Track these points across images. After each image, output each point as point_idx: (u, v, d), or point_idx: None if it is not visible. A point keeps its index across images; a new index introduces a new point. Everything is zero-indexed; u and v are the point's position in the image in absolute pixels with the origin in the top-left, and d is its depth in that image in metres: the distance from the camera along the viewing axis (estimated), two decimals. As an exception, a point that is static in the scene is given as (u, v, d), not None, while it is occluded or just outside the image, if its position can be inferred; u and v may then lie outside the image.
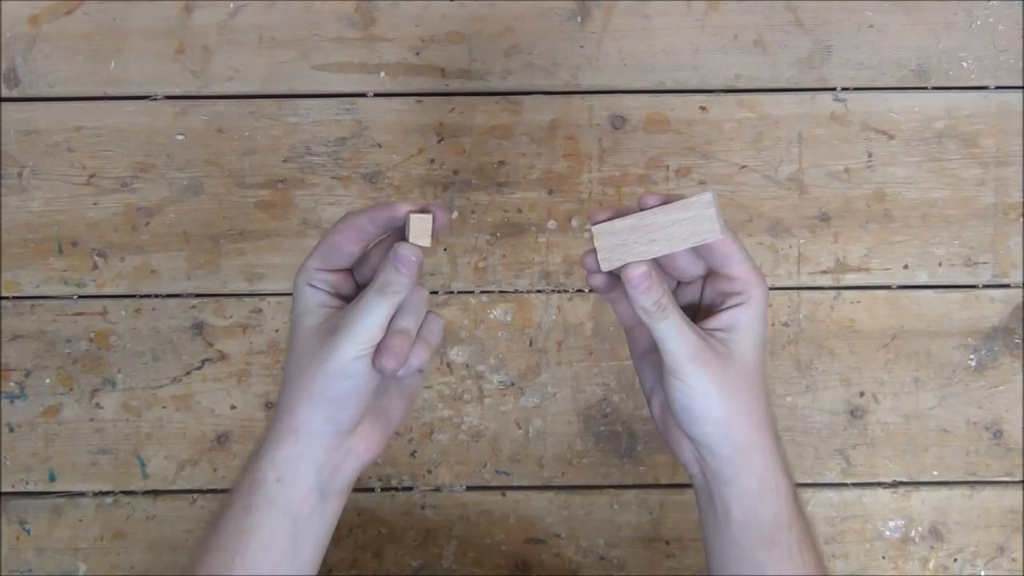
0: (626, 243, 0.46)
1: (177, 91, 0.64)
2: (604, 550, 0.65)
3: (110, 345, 0.64)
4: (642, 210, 0.45)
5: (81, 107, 0.64)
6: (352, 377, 0.45)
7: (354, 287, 0.49)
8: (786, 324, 0.65)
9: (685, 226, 0.45)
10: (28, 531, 0.65)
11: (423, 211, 0.46)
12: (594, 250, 0.46)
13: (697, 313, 0.48)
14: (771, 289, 0.64)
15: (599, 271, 0.46)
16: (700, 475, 0.48)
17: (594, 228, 0.46)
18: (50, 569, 0.65)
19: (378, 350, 0.45)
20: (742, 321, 0.46)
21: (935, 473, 0.65)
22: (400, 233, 0.46)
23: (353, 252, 0.47)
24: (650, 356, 0.49)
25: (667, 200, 0.45)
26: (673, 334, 0.45)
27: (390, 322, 0.46)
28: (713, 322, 0.47)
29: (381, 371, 0.46)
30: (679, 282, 0.49)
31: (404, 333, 0.46)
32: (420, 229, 0.46)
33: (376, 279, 0.46)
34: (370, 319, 0.45)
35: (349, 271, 0.49)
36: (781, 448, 0.48)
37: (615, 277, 0.46)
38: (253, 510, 0.46)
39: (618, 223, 0.46)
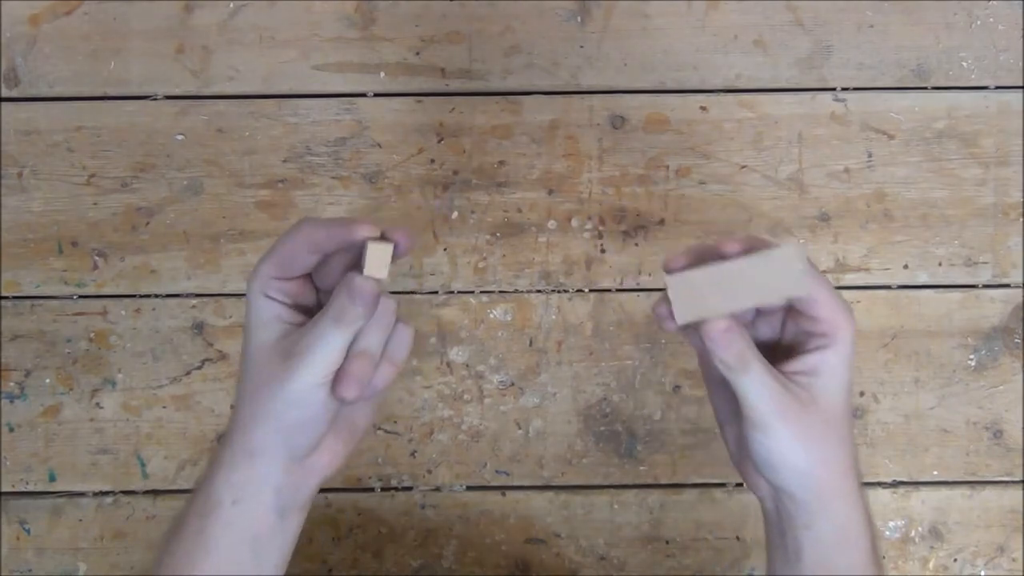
0: (704, 296, 0.42)
1: (177, 91, 0.64)
2: (604, 550, 0.65)
3: (110, 345, 0.64)
4: (722, 258, 0.42)
5: (81, 107, 0.64)
6: (310, 406, 0.43)
7: (314, 294, 0.46)
8: (786, 324, 0.65)
9: (769, 280, 0.42)
10: (28, 531, 0.65)
11: (383, 237, 0.42)
12: (667, 299, 0.43)
13: (776, 350, 0.46)
14: (771, 289, 0.64)
15: (673, 321, 0.43)
16: (774, 511, 0.46)
17: (668, 279, 0.42)
18: (50, 569, 0.65)
19: (337, 378, 0.43)
20: (828, 364, 0.44)
21: (935, 473, 0.65)
22: (359, 252, 0.43)
23: (310, 261, 0.44)
24: (724, 388, 0.46)
25: (750, 246, 0.42)
26: (756, 389, 0.43)
27: (352, 342, 0.43)
28: (796, 364, 0.44)
29: (341, 400, 0.43)
30: (757, 311, 0.46)
31: (365, 355, 0.43)
32: (378, 260, 0.42)
33: (330, 307, 0.42)
34: (326, 348, 0.42)
35: (307, 276, 0.45)
36: (863, 495, 0.45)
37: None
38: (208, 532, 0.44)
39: (697, 275, 0.42)
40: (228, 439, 0.44)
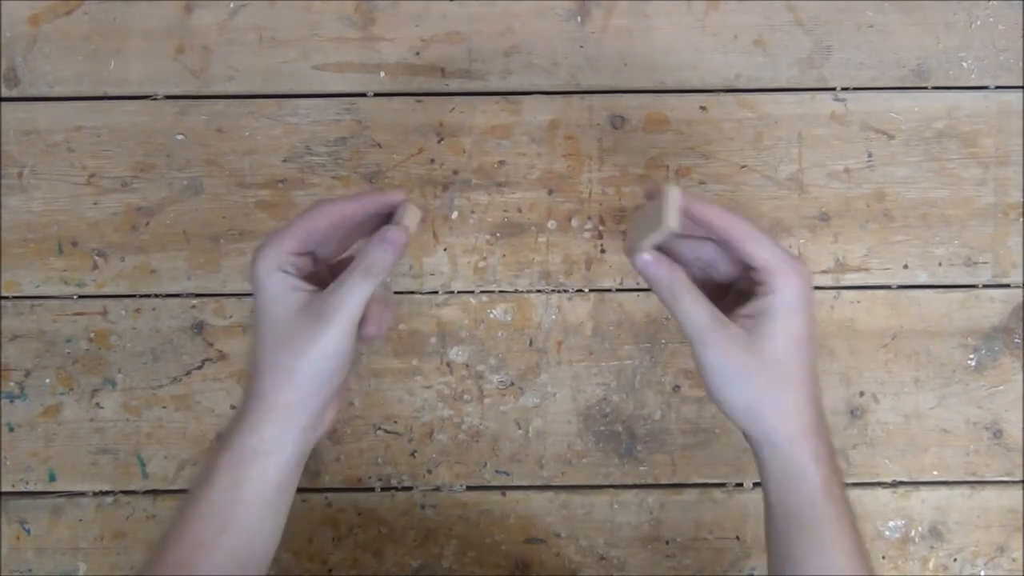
0: (639, 232, 0.50)
1: (177, 91, 0.64)
2: (604, 550, 0.65)
3: (110, 345, 0.64)
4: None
5: (81, 107, 0.64)
6: (338, 355, 0.48)
7: (313, 265, 0.51)
8: (786, 324, 0.65)
9: (658, 218, 0.47)
10: (28, 531, 0.65)
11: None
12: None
13: (738, 298, 0.50)
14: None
15: (634, 254, 0.49)
16: (752, 448, 0.51)
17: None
18: (50, 569, 0.65)
19: (364, 322, 0.49)
20: (769, 310, 0.47)
21: (935, 473, 0.65)
22: (381, 221, 0.50)
23: (329, 235, 0.50)
24: None
25: (655, 190, 0.49)
26: (687, 314, 0.48)
27: None
28: (742, 309, 0.48)
29: (370, 341, 0.50)
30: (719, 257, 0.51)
31: (380, 299, 0.50)
32: (412, 218, 0.50)
33: (361, 261, 0.48)
34: (358, 298, 0.48)
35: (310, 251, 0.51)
36: (817, 432, 0.48)
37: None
38: (244, 483, 0.48)
39: (638, 215, 0.51)
40: (253, 400, 0.49)
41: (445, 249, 0.64)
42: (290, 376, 0.48)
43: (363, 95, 0.64)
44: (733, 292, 0.51)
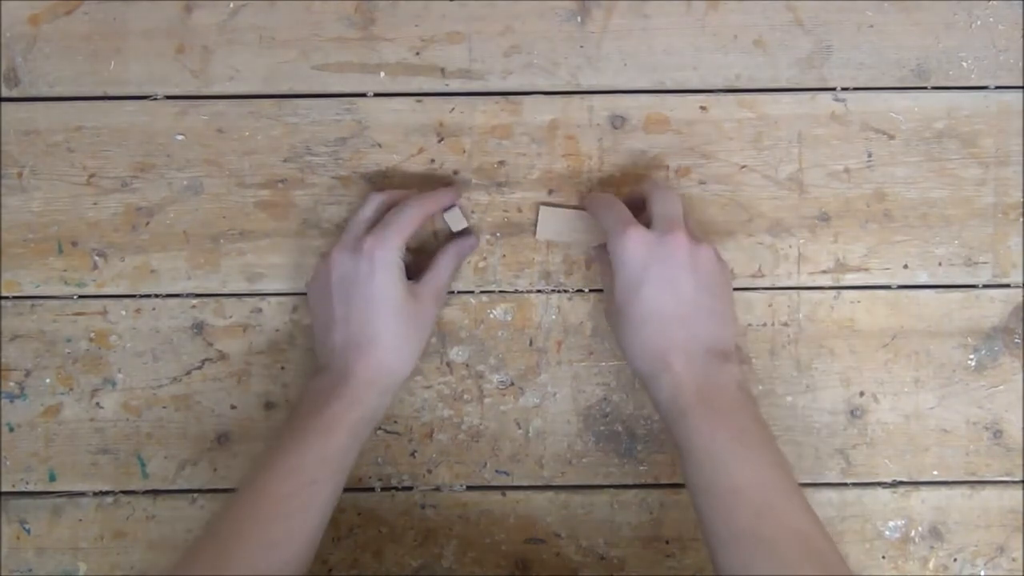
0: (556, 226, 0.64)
1: (177, 91, 0.64)
2: (604, 550, 0.65)
3: (110, 345, 0.64)
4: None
5: (81, 107, 0.64)
6: (432, 326, 0.61)
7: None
8: (786, 324, 0.65)
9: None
10: (28, 531, 0.65)
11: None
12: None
13: None
14: (771, 289, 0.64)
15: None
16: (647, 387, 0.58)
17: (542, 208, 0.64)
18: (50, 569, 0.65)
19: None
20: (612, 269, 0.56)
21: (935, 473, 0.65)
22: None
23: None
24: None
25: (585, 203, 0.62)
26: (609, 214, 0.58)
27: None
28: None
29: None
30: None
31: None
32: (459, 216, 0.63)
33: (456, 248, 0.62)
34: (446, 276, 0.61)
35: None
36: (694, 370, 0.54)
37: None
38: (336, 442, 0.55)
39: (557, 210, 0.64)
40: (357, 365, 0.56)
41: (445, 249, 0.64)
42: (414, 356, 0.58)
43: (363, 95, 0.64)
44: None
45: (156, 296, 0.65)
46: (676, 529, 0.65)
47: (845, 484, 0.65)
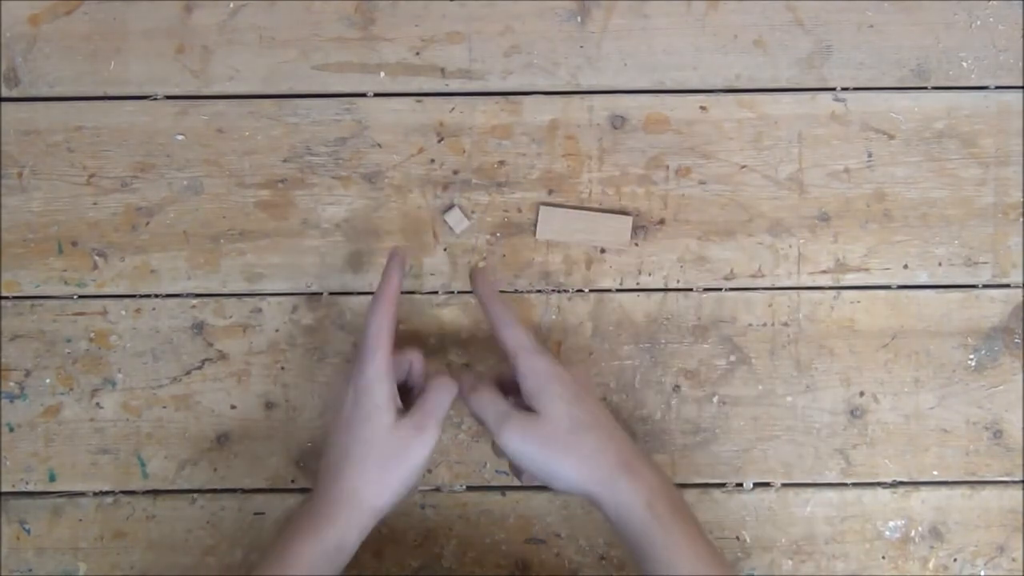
0: (559, 226, 0.64)
1: (177, 91, 0.64)
2: (604, 550, 0.65)
3: (110, 345, 0.64)
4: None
5: (81, 107, 0.64)
6: (424, 467, 0.55)
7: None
8: (786, 324, 0.65)
9: (603, 233, 0.64)
10: (28, 531, 0.65)
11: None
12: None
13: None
14: (771, 289, 0.64)
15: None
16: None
17: (542, 208, 0.63)
18: (50, 569, 0.65)
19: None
20: (529, 387, 0.55)
21: (935, 473, 0.65)
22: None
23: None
24: None
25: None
26: (484, 409, 0.55)
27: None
28: (522, 397, 0.55)
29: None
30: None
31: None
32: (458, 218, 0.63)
33: (438, 380, 0.56)
34: (446, 408, 0.55)
35: None
36: (628, 469, 0.53)
37: None
38: (327, 571, 0.53)
39: (558, 211, 0.64)
40: (353, 499, 0.54)
41: (445, 249, 0.64)
42: (390, 484, 0.54)
43: (363, 95, 0.64)
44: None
45: (156, 296, 0.65)
46: (676, 529, 0.65)
47: (845, 484, 0.65)
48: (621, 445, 0.54)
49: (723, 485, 0.65)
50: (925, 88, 0.64)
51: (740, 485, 0.65)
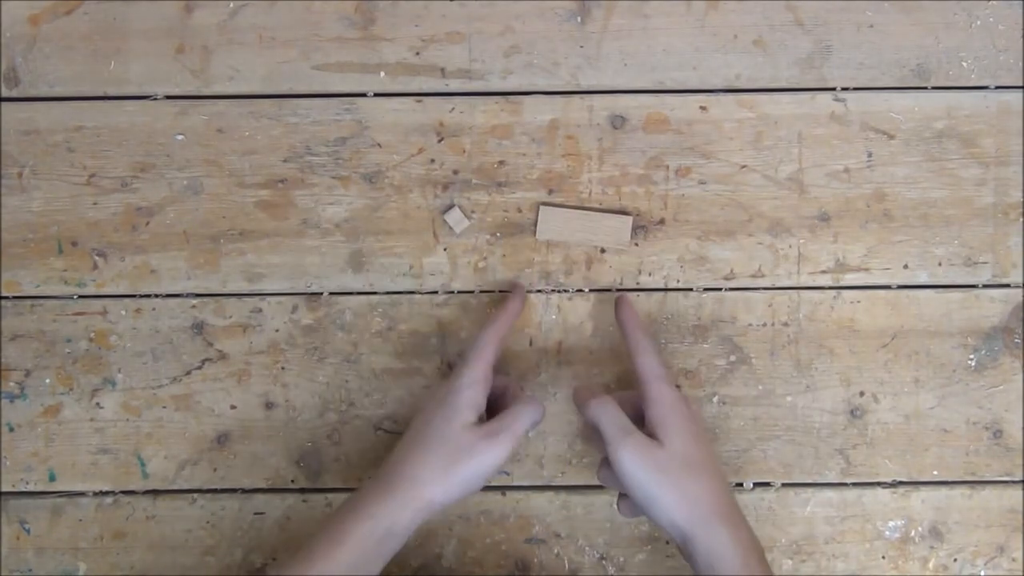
0: (559, 226, 0.64)
1: (177, 91, 0.64)
2: (604, 550, 0.65)
3: (110, 345, 0.64)
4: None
5: (81, 107, 0.64)
6: (495, 472, 0.56)
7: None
8: (786, 324, 0.65)
9: (603, 233, 0.64)
10: (28, 531, 0.65)
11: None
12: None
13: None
14: (771, 289, 0.64)
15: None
16: (685, 556, 0.55)
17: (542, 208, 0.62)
18: (50, 569, 0.65)
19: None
20: (655, 415, 0.56)
21: (935, 473, 0.65)
22: None
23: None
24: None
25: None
26: (605, 422, 0.55)
27: None
28: (645, 422, 0.56)
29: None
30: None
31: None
32: (458, 218, 0.64)
33: (532, 404, 0.57)
34: (525, 428, 0.56)
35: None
36: (732, 519, 0.53)
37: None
38: (371, 557, 0.54)
39: (558, 211, 0.64)
40: (412, 488, 0.55)
41: (445, 249, 0.64)
42: (450, 482, 0.54)
43: (363, 95, 0.64)
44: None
45: (156, 296, 0.65)
46: (676, 529, 0.65)
47: (845, 484, 0.65)
48: (724, 494, 0.54)
49: (723, 485, 0.65)
50: (925, 88, 0.64)
51: (740, 485, 0.65)
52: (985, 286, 0.65)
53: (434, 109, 0.64)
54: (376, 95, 0.64)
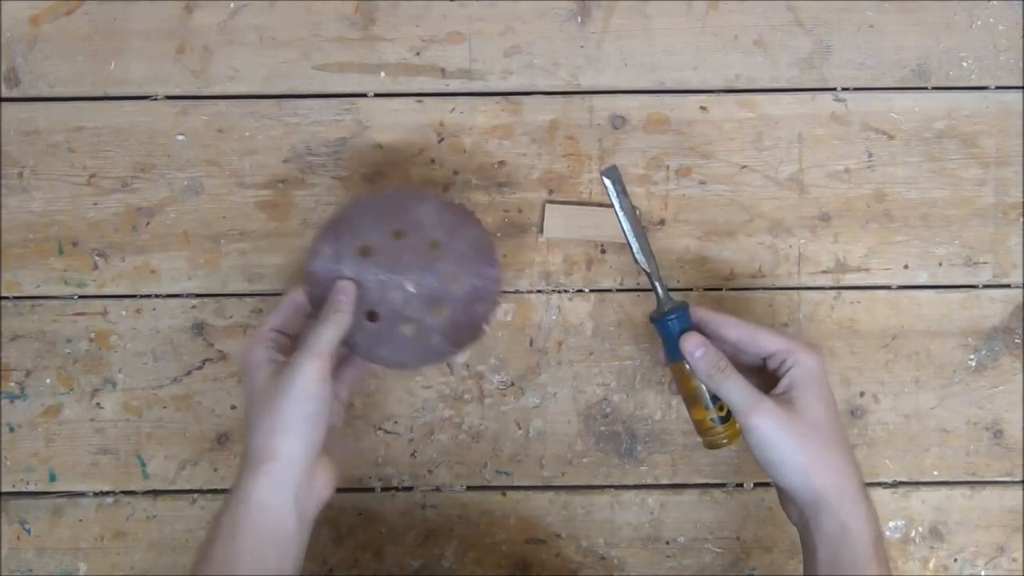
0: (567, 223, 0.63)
1: (177, 91, 0.64)
2: (604, 550, 0.65)
3: (110, 345, 0.65)
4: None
5: (81, 107, 0.64)
6: (316, 398, 0.51)
7: (293, 345, 0.55)
8: (786, 324, 0.65)
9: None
10: (28, 531, 0.65)
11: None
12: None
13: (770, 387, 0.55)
14: (771, 289, 0.64)
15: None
16: (799, 522, 0.54)
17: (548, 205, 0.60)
18: (50, 569, 0.65)
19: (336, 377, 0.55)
20: (795, 379, 0.53)
21: (935, 473, 0.65)
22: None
23: (294, 320, 0.56)
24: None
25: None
26: (734, 390, 0.53)
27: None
28: (776, 389, 0.54)
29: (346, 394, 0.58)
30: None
31: (350, 360, 0.58)
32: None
33: (323, 309, 0.54)
34: (322, 341, 0.52)
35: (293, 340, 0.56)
36: (866, 496, 0.53)
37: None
38: (240, 537, 0.50)
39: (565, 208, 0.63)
40: (248, 458, 0.51)
41: (445, 249, 0.64)
42: (278, 426, 0.51)
43: (363, 95, 0.64)
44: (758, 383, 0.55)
45: (156, 296, 0.65)
46: (676, 529, 0.65)
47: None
48: (857, 469, 0.53)
49: (723, 485, 0.65)
50: (925, 88, 0.64)
51: (740, 485, 0.65)
52: (985, 286, 0.65)
53: (434, 109, 0.64)
54: (376, 95, 0.64)
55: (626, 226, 0.56)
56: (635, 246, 0.57)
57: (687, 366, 0.55)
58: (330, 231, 0.56)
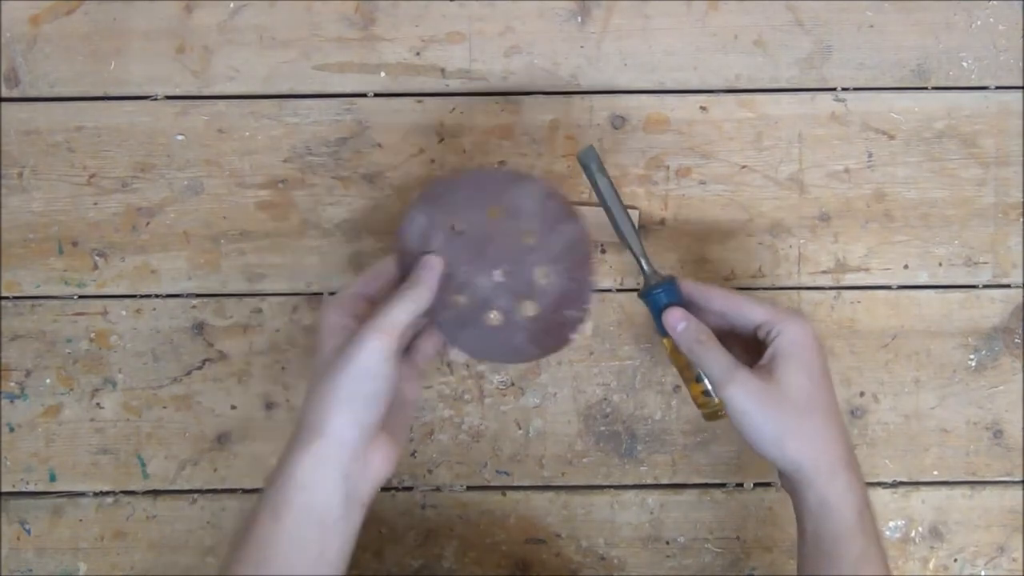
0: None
1: (177, 91, 0.64)
2: (604, 550, 0.65)
3: (110, 345, 0.65)
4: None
5: (81, 107, 0.64)
6: (377, 377, 0.48)
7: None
8: (786, 324, 0.65)
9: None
10: (28, 531, 0.65)
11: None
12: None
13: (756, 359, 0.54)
14: (771, 289, 0.64)
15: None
16: (790, 493, 0.54)
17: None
18: (50, 569, 0.65)
19: (410, 351, 0.54)
20: (778, 349, 0.52)
21: (935, 473, 0.65)
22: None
23: (380, 287, 0.54)
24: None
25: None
26: (712, 362, 0.52)
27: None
28: (761, 360, 0.53)
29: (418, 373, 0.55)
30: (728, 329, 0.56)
31: (428, 335, 0.56)
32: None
33: (405, 282, 0.52)
34: (394, 319, 0.49)
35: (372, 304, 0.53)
36: (847, 465, 0.51)
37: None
38: (283, 517, 0.47)
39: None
40: (299, 431, 0.49)
41: (445, 249, 0.64)
42: (332, 400, 0.48)
43: (363, 95, 0.64)
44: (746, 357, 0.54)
45: (156, 296, 0.65)
46: (676, 529, 0.65)
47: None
48: (845, 440, 0.52)
49: (723, 485, 0.65)
50: (925, 88, 0.64)
51: (740, 485, 0.65)
52: (985, 286, 0.65)
53: (434, 109, 0.64)
54: (376, 95, 0.64)
55: (607, 203, 0.56)
56: (617, 221, 0.56)
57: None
58: (427, 199, 0.54)
